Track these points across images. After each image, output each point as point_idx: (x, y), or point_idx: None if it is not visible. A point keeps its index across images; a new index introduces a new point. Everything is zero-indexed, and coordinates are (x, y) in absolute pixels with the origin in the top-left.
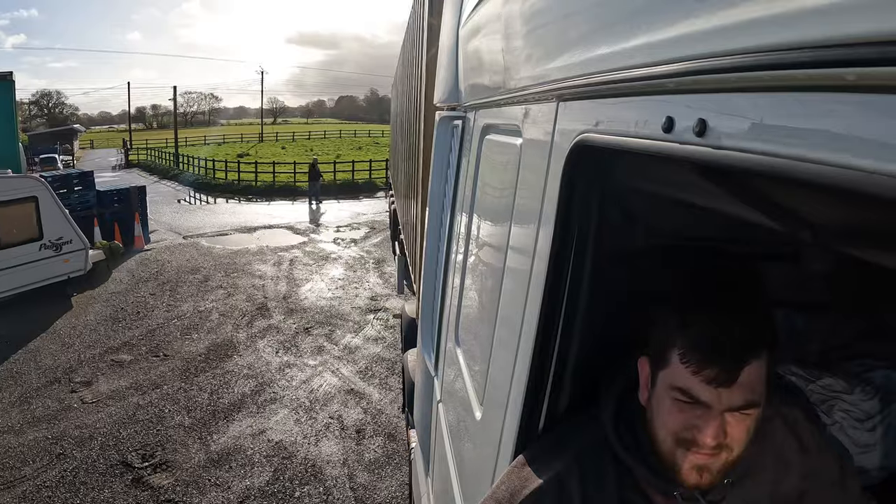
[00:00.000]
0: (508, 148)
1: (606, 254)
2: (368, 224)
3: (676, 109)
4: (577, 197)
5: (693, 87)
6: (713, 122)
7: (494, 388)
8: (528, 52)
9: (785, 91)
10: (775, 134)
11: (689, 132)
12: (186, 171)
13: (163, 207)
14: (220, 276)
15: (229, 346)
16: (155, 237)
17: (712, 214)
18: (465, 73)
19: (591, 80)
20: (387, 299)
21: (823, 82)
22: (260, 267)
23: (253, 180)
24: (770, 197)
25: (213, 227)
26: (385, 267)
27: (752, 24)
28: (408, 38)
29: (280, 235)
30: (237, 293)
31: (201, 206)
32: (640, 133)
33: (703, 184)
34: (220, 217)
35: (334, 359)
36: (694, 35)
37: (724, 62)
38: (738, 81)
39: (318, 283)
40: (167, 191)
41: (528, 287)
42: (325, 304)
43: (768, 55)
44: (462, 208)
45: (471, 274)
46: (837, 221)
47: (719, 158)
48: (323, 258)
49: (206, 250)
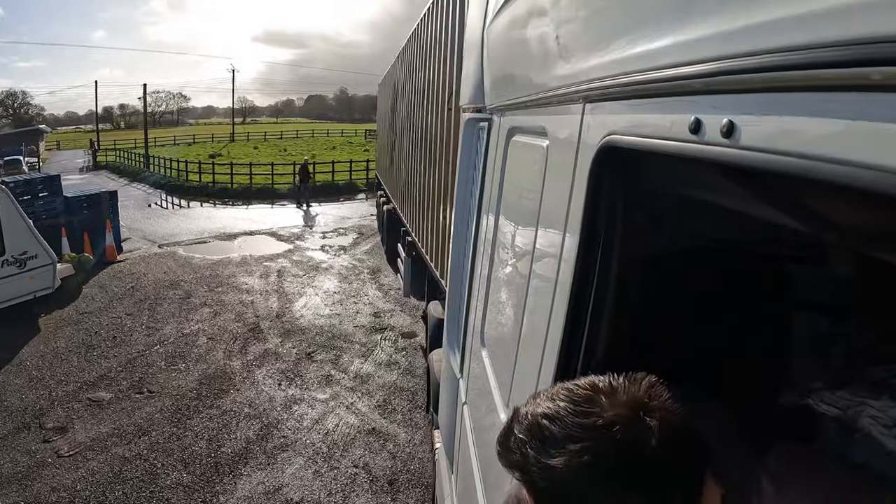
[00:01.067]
0: (535, 150)
1: (633, 256)
2: (355, 229)
3: (704, 110)
4: (604, 199)
5: (720, 87)
6: (741, 123)
7: (520, 391)
8: (555, 54)
9: (812, 91)
10: (803, 135)
11: (716, 133)
12: (158, 172)
13: (134, 212)
14: (202, 291)
15: (223, 377)
16: (128, 246)
17: (740, 216)
18: (491, 74)
19: (618, 80)
20: (391, 315)
21: (850, 81)
22: (246, 280)
23: (229, 182)
24: (797, 199)
25: (190, 234)
26: (382, 277)
27: (779, 24)
28: (421, 38)
29: (263, 243)
30: (224, 311)
31: (175, 211)
32: (668, 134)
33: (730, 186)
34: (197, 222)
35: (346, 391)
36: (721, 35)
37: (751, 62)
38: (765, 81)
39: (312, 297)
40: (138, 194)
41: (555, 289)
42: (324, 324)
43: (795, 54)
44: (488, 210)
45: (497, 276)
46: (864, 223)
47: (747, 160)
48: (313, 268)
49: (185, 261)
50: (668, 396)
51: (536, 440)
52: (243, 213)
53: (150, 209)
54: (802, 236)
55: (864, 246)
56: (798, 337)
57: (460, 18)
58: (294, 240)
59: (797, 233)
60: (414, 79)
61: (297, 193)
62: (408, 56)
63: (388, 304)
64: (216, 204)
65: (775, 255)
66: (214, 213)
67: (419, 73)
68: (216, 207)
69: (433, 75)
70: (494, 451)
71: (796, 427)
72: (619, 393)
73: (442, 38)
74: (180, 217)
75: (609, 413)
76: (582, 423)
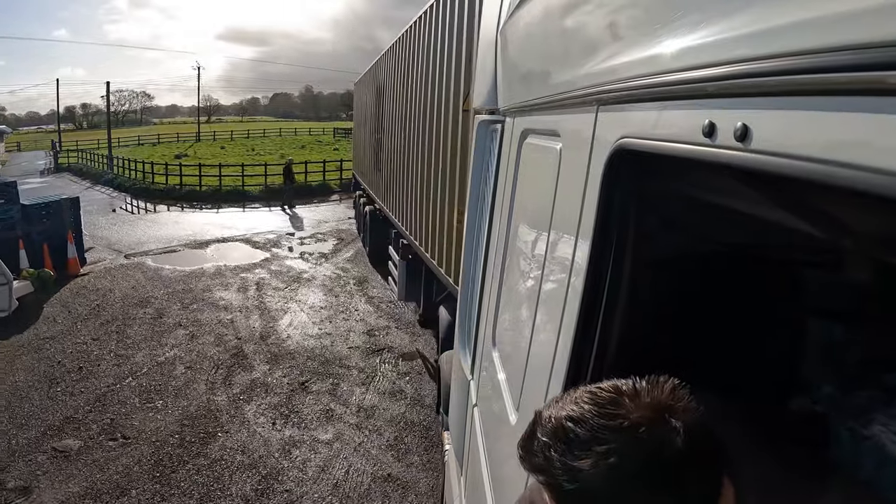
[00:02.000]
0: (547, 152)
1: (646, 259)
2: (334, 234)
3: (718, 114)
4: (617, 202)
5: (735, 90)
6: (755, 126)
7: (530, 394)
8: (568, 56)
9: (828, 94)
10: (818, 139)
11: (730, 137)
12: (122, 174)
13: (98, 219)
14: (176, 309)
15: (208, 416)
16: (92, 257)
17: (754, 220)
18: (505, 75)
19: (632, 83)
20: (386, 333)
21: (866, 85)
22: (223, 294)
23: (197, 184)
24: (812, 203)
25: (159, 242)
26: (370, 289)
27: (794, 27)
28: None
29: (238, 251)
30: (202, 333)
31: (141, 216)
32: (681, 138)
33: (744, 190)
34: (165, 229)
35: (351, 428)
36: (735, 38)
37: (766, 65)
38: (780, 85)
39: (297, 314)
40: (102, 198)
41: (567, 293)
42: (314, 346)
43: (810, 58)
44: (501, 211)
45: (509, 278)
46: (880, 229)
47: (761, 164)
48: (294, 279)
49: (154, 273)
50: (690, 398)
51: (561, 443)
52: (214, 217)
53: (115, 214)
54: (817, 241)
55: (880, 252)
56: (811, 342)
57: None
58: (270, 247)
59: (811, 237)
60: (414, 79)
61: (282, 195)
62: (403, 56)
63: (382, 319)
64: (184, 208)
65: (789, 260)
66: (183, 217)
67: (423, 73)
68: (185, 212)
69: (442, 76)
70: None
71: (807, 432)
72: (643, 395)
73: (455, 39)
74: (147, 223)
75: (634, 415)
76: (608, 424)
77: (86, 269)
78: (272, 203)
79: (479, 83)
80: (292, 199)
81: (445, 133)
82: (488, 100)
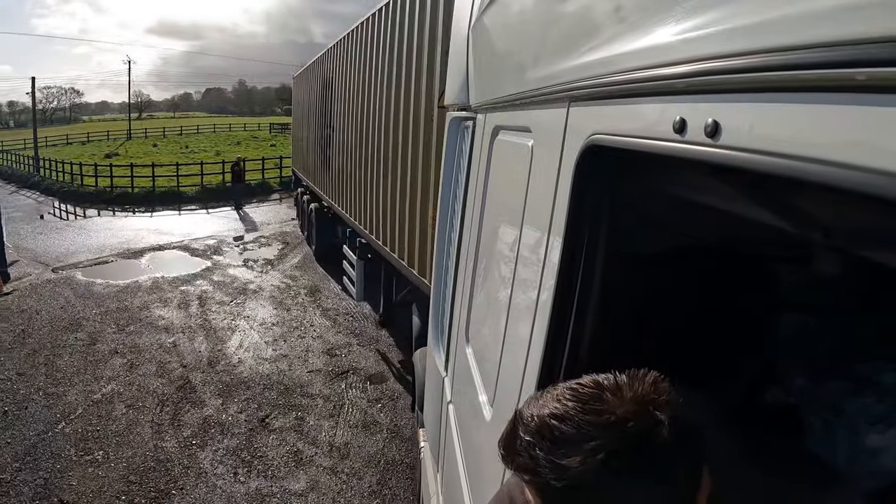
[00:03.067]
0: (519, 148)
1: (618, 255)
2: (278, 237)
3: (688, 110)
4: (589, 198)
5: (705, 87)
6: (725, 123)
7: (505, 390)
8: (539, 53)
9: (797, 91)
10: (787, 135)
11: (701, 133)
12: (49, 176)
13: (23, 227)
14: (111, 332)
15: (158, 469)
16: (16, 272)
17: (725, 216)
18: (476, 72)
19: (603, 80)
20: (348, 352)
21: (834, 82)
22: (162, 312)
23: (129, 186)
24: (782, 198)
25: (89, 252)
26: (324, 300)
27: (763, 25)
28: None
29: (176, 260)
30: (142, 362)
31: (70, 222)
32: (652, 134)
33: (715, 185)
34: (96, 237)
35: (326, 474)
36: (705, 36)
37: (735, 63)
38: (749, 82)
39: (248, 333)
40: (28, 203)
41: (539, 289)
42: (270, 371)
43: (779, 55)
44: (473, 208)
45: (481, 275)
46: (849, 223)
47: (732, 160)
48: (240, 291)
49: (86, 289)
50: (671, 391)
51: (547, 441)
52: (148, 222)
53: (42, 221)
54: (788, 236)
55: (849, 245)
56: (784, 334)
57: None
58: (211, 254)
59: (783, 232)
60: (375, 74)
61: (227, 196)
62: (359, 49)
63: (341, 335)
64: (116, 212)
65: (761, 255)
66: (115, 223)
67: (388, 68)
68: (116, 216)
69: (411, 72)
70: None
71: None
72: (625, 390)
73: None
74: (76, 230)
75: (620, 410)
76: (594, 421)
77: (9, 287)
78: (210, 205)
79: (450, 80)
80: (242, 199)
81: (416, 130)
82: (460, 96)
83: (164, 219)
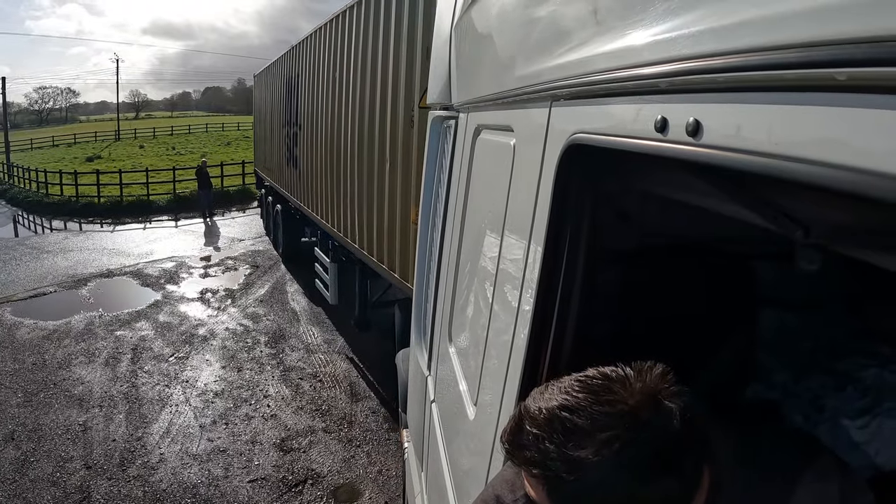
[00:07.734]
0: (501, 148)
1: (600, 253)
2: (248, 258)
3: (670, 109)
4: (571, 197)
5: (686, 86)
6: (706, 121)
7: (488, 389)
8: (521, 52)
9: (777, 91)
10: (768, 133)
11: (682, 132)
12: (16, 184)
13: None
14: (14, 404)
15: None
16: None
17: (706, 214)
18: (459, 70)
19: (585, 79)
20: (310, 443)
21: (815, 82)
22: (84, 372)
23: (95, 195)
24: (763, 196)
25: (30, 280)
26: (288, 352)
27: (744, 25)
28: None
29: (122, 290)
30: (38, 458)
31: (24, 240)
32: (634, 133)
33: (696, 184)
34: (46, 259)
35: None
36: (686, 35)
37: (716, 62)
38: (730, 81)
39: (180, 409)
40: None
41: (522, 288)
42: (198, 479)
43: (760, 55)
44: (455, 207)
45: (464, 274)
46: (829, 221)
47: (713, 158)
48: (185, 340)
49: (8, 333)
50: (677, 381)
51: (558, 434)
52: (107, 239)
53: None
54: (770, 234)
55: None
56: (765, 331)
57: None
58: (165, 282)
59: (765, 231)
60: (349, 71)
61: (199, 204)
62: (329, 47)
63: (303, 414)
64: (81, 225)
65: (744, 253)
66: (72, 241)
67: (364, 65)
68: (76, 233)
69: (386, 71)
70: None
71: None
72: (634, 381)
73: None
74: (27, 249)
75: (632, 400)
76: (608, 411)
77: None
78: (181, 216)
79: (433, 79)
80: (212, 207)
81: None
82: (442, 95)
83: (126, 234)
